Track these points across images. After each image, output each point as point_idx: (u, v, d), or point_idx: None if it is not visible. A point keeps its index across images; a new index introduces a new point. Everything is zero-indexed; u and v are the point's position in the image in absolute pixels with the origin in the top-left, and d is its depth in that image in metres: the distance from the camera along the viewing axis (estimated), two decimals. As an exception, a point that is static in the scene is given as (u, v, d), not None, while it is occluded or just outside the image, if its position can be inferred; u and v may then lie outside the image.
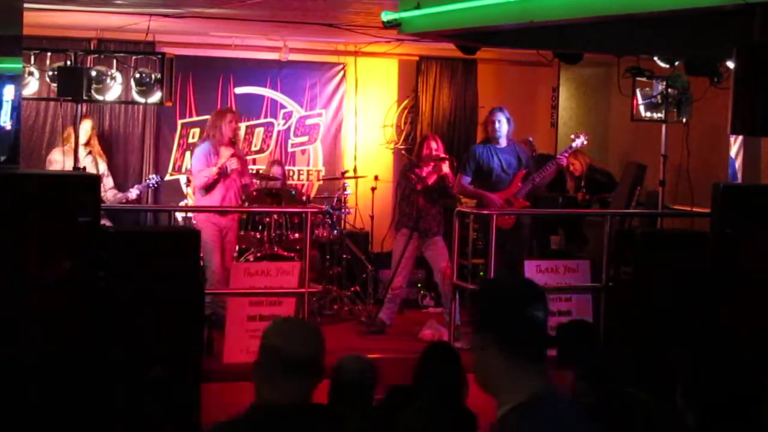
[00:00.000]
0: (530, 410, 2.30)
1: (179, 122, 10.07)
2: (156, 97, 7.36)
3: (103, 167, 8.72)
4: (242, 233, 8.45)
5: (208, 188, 8.02)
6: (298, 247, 8.35)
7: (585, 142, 8.47)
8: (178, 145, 10.09)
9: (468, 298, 8.91)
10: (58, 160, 8.39)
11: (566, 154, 8.25)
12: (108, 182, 8.78)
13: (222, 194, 8.06)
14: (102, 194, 8.39)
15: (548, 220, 9.53)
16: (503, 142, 8.04)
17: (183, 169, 10.04)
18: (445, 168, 8.05)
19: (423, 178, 8.11)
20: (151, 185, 9.01)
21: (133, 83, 7.34)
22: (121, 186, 9.14)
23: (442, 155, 8.14)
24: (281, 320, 2.94)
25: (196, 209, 9.19)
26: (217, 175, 7.98)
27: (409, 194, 8.21)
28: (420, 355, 4.49)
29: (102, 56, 7.99)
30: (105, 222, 7.66)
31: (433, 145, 8.20)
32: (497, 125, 7.98)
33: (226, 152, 8.03)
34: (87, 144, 8.61)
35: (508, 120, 8.04)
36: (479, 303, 2.48)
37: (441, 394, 4.27)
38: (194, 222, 8.46)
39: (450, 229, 8.08)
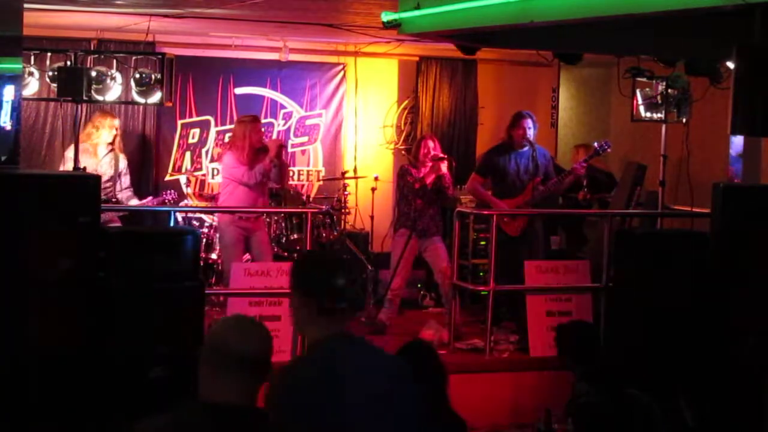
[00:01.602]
0: (321, 345, 3.16)
1: (179, 122, 10.07)
2: (156, 97, 7.36)
3: (123, 164, 8.52)
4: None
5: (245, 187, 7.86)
6: (298, 248, 8.35)
7: (609, 150, 8.04)
8: (178, 145, 10.09)
9: (468, 298, 8.94)
10: (72, 157, 8.32)
11: (584, 163, 8.06)
12: (125, 181, 8.55)
13: (251, 195, 7.92)
14: (117, 192, 8.35)
15: (548, 220, 9.54)
16: (526, 147, 7.96)
17: (183, 169, 10.04)
18: (443, 168, 8.04)
19: (420, 179, 8.10)
20: (167, 201, 8.92)
21: (133, 83, 7.33)
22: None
23: (440, 155, 8.13)
24: (228, 317, 3.11)
25: (195, 209, 9.18)
26: (271, 169, 7.83)
27: (407, 194, 8.21)
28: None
29: (102, 56, 7.99)
30: (116, 223, 7.66)
31: (431, 144, 8.18)
32: (529, 132, 7.86)
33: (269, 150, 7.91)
34: (111, 143, 8.45)
35: (536, 125, 7.99)
36: (294, 272, 3.33)
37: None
38: (215, 222, 8.46)
39: (449, 229, 8.06)
